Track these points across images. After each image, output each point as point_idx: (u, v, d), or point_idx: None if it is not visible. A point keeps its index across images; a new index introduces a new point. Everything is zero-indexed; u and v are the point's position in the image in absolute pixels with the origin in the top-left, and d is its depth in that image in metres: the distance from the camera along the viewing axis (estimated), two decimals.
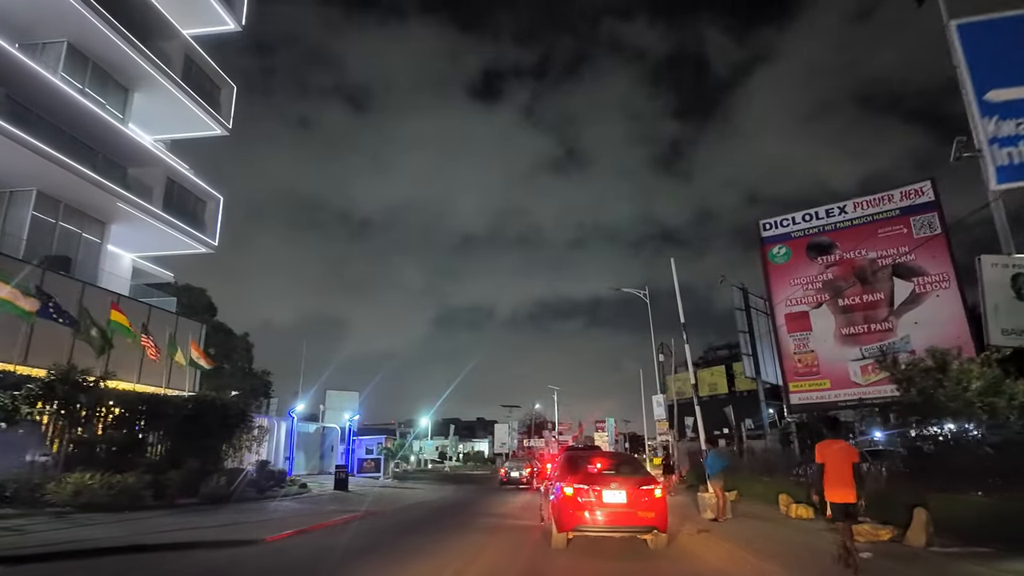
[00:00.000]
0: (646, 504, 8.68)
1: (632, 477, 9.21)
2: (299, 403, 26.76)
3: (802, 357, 22.06)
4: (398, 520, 13.61)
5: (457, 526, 12.22)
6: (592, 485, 8.80)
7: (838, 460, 7.26)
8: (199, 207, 26.27)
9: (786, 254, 22.96)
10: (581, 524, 8.66)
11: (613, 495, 8.70)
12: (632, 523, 8.63)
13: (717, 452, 12.22)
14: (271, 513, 13.51)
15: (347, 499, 18.05)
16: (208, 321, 32.83)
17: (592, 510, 8.62)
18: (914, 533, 8.16)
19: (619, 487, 8.81)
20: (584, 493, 8.70)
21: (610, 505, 8.64)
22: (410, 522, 13.29)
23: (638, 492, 8.75)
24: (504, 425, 52.36)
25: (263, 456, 22.19)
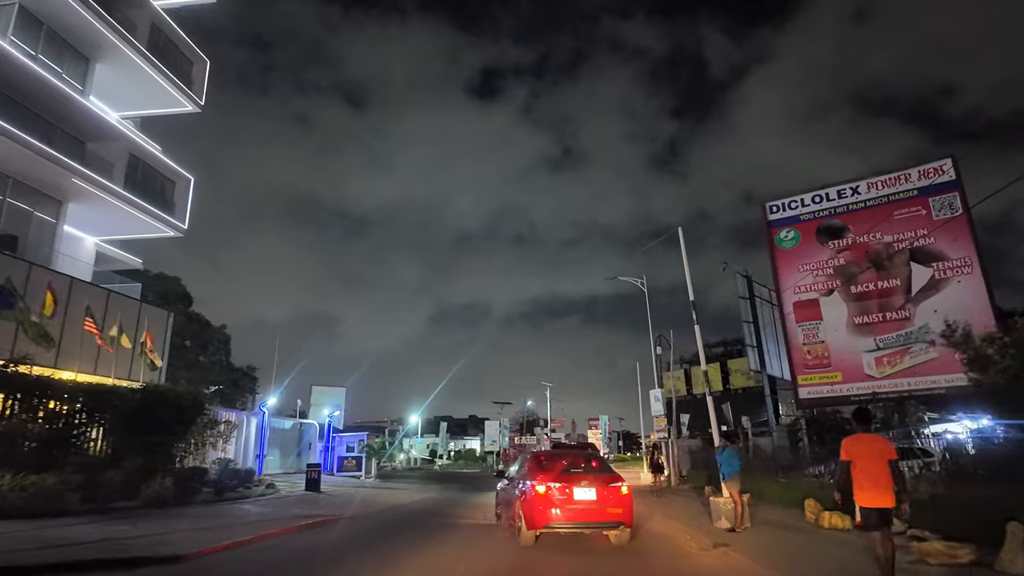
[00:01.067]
0: (614, 500, 8.82)
1: (600, 475, 9.32)
2: (271, 397, 24.81)
3: (812, 348, 20.28)
4: (364, 526, 11.72)
5: (428, 536, 10.34)
6: (563, 483, 8.85)
7: (870, 457, 6.14)
8: (167, 187, 24.27)
9: (794, 238, 21.17)
10: (552, 522, 8.65)
11: (583, 492, 8.79)
12: (601, 519, 8.76)
13: (734, 450, 10.38)
14: (219, 519, 11.58)
15: (315, 501, 16.14)
16: (183, 311, 30.84)
17: (563, 507, 8.66)
18: (1010, 555, 6.34)
19: (589, 485, 8.90)
20: (556, 491, 8.73)
21: (580, 502, 8.71)
22: (376, 529, 11.42)
23: (607, 489, 8.89)
24: (494, 422, 50.52)
25: (230, 454, 20.25)
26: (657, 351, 25.35)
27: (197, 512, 12.42)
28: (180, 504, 13.39)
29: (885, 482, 6.03)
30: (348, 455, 27.41)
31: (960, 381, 18.13)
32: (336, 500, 16.65)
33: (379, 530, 11.34)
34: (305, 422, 28.34)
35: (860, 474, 6.16)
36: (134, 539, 8.93)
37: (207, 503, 14.26)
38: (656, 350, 25.30)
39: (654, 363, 25.11)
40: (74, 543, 8.21)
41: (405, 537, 10.23)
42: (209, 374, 31.08)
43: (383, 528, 11.65)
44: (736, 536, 9.21)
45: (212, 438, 18.79)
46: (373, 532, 11.03)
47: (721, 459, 10.07)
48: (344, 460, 27.19)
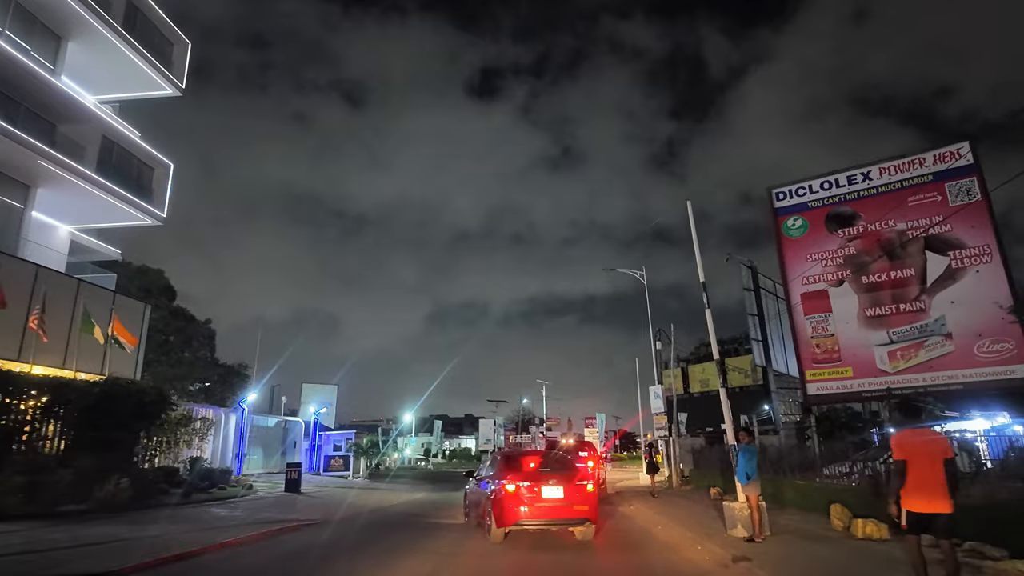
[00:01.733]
0: (581, 498, 9.06)
1: (567, 473, 9.48)
2: (251, 392, 23.47)
3: (821, 342, 19.08)
4: (336, 533, 10.47)
5: (407, 544, 9.08)
6: (532, 482, 9.01)
7: (923, 457, 5.36)
8: (144, 173, 22.97)
9: (802, 226, 19.97)
10: (521, 519, 8.82)
11: (551, 491, 8.97)
12: (568, 516, 8.97)
13: (754, 449, 9.12)
14: (176, 524, 10.31)
15: (291, 504, 14.88)
16: (166, 305, 29.52)
17: (531, 505, 8.84)
18: None
19: (557, 483, 9.06)
20: (525, 490, 8.90)
21: (548, 500, 8.90)
22: (349, 535, 10.18)
23: (574, 487, 9.11)
24: (489, 421, 49.21)
25: (207, 453, 18.97)
26: (657, 346, 24.15)
27: (154, 517, 11.15)
28: (139, 507, 12.12)
29: (939, 484, 5.24)
30: (335, 454, 26.11)
31: (979, 377, 17.00)
32: (314, 502, 15.39)
33: (352, 536, 10.10)
34: (290, 419, 27.04)
35: (909, 475, 5.38)
36: (63, 549, 7.69)
37: (171, 506, 12.98)
38: (656, 345, 24.10)
39: (654, 358, 23.90)
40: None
41: (380, 546, 8.98)
42: (193, 370, 29.75)
43: (357, 534, 10.41)
44: (757, 547, 7.97)
45: (187, 436, 17.57)
46: (344, 539, 9.78)
47: (743, 456, 8.83)
48: (331, 459, 25.90)
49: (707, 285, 11.27)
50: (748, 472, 8.67)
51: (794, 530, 9.38)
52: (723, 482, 16.54)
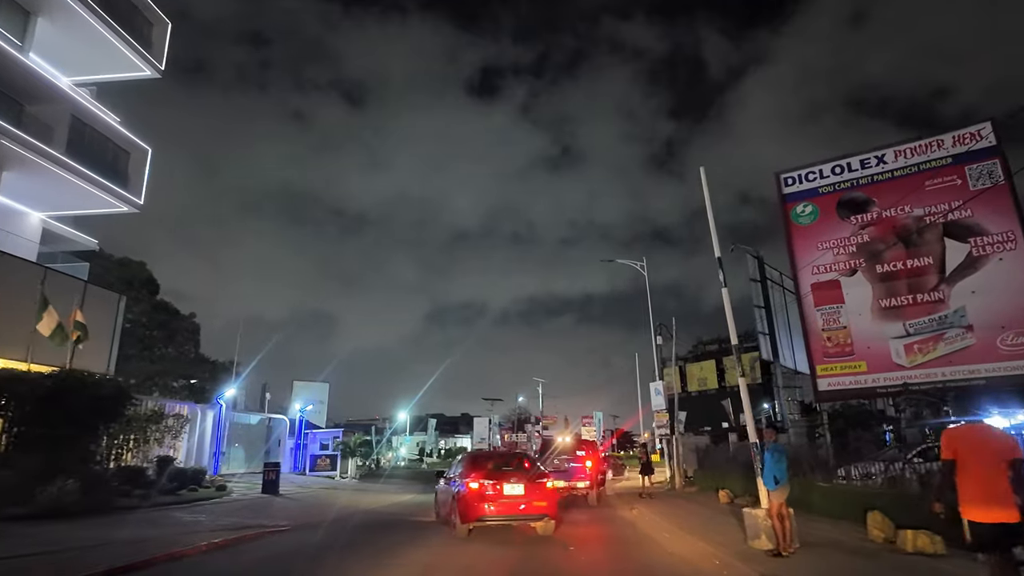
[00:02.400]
0: (540, 495, 9.46)
1: (527, 472, 9.88)
2: (230, 388, 22.15)
3: (832, 335, 17.88)
4: (303, 541, 9.22)
5: (382, 556, 7.83)
6: (494, 480, 9.39)
7: (984, 456, 4.53)
8: (120, 158, 21.68)
9: (812, 213, 18.78)
10: (483, 515, 9.15)
11: (512, 488, 9.34)
12: (528, 512, 9.32)
13: (783, 448, 7.85)
14: (118, 530, 9.04)
15: (265, 507, 13.62)
16: (148, 298, 28.23)
17: (493, 502, 9.20)
18: None
19: (517, 481, 9.44)
20: (487, 487, 9.27)
21: (509, 497, 9.27)
22: (318, 544, 8.91)
23: (533, 485, 9.51)
24: (483, 419, 47.86)
25: (181, 451, 17.69)
26: (658, 341, 22.94)
27: (101, 523, 9.89)
28: (90, 512, 10.85)
29: (1002, 489, 4.40)
30: (322, 454, 24.82)
31: (1003, 371, 15.82)
32: (291, 505, 14.14)
33: (320, 544, 8.84)
34: (274, 417, 25.74)
35: (970, 479, 4.53)
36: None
37: (126, 510, 11.70)
38: (656, 340, 22.89)
39: (655, 354, 22.71)
40: None
41: (353, 556, 7.73)
42: (177, 366, 28.44)
43: (327, 540, 9.16)
44: (786, 563, 6.74)
45: (158, 433, 16.25)
46: (310, 550, 8.53)
47: (770, 456, 7.58)
48: (317, 459, 24.62)
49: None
50: (776, 475, 7.43)
51: (826, 541, 8.13)
52: (733, 484, 15.30)
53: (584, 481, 15.12)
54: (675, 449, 19.76)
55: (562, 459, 16.00)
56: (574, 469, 15.43)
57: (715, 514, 11.89)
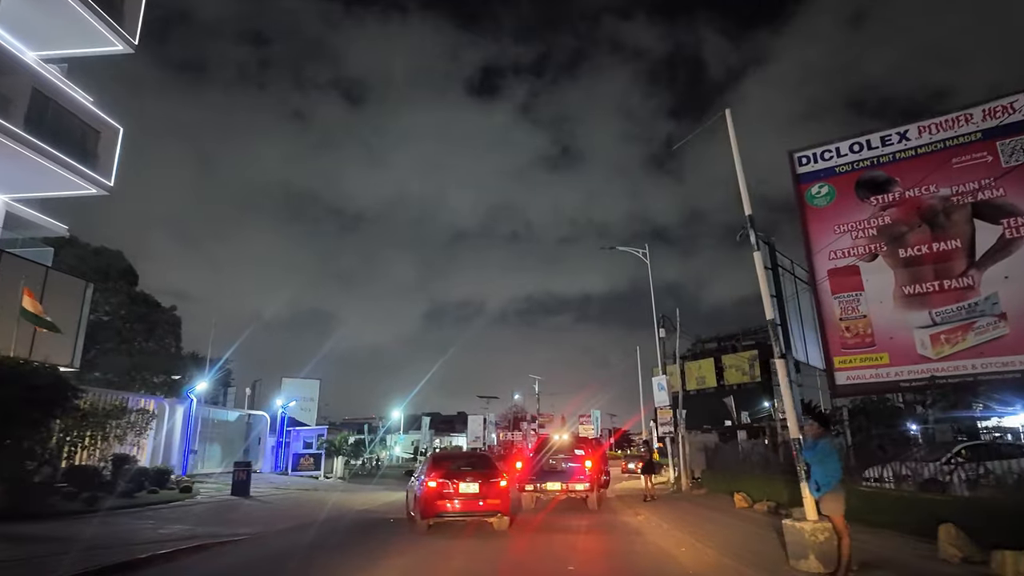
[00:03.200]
0: (493, 493, 9.92)
1: (483, 471, 10.31)
2: (201, 381, 20.52)
3: (851, 324, 16.40)
4: (257, 555, 7.68)
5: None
6: (451, 479, 9.90)
7: None
8: (89, 136, 20.11)
9: (829, 194, 17.31)
10: (441, 511, 9.71)
11: (467, 486, 9.85)
12: (482, 509, 9.86)
13: (833, 444, 6.34)
14: (34, 545, 7.51)
15: (229, 512, 12.09)
16: (125, 289, 26.64)
17: (450, 499, 9.75)
18: None
19: (472, 480, 9.93)
20: (444, 486, 9.80)
21: (464, 495, 9.79)
22: (274, 557, 7.37)
23: (487, 484, 9.96)
24: (478, 417, 46.28)
25: (147, 449, 16.15)
26: (660, 334, 21.45)
27: (18, 534, 8.33)
28: (17, 518, 9.29)
29: None
30: (305, 452, 23.24)
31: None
32: (257, 509, 12.61)
33: (275, 559, 7.32)
34: (254, 413, 24.12)
35: None
36: None
37: (66, 516, 10.18)
38: (659, 333, 21.39)
39: (657, 347, 21.22)
40: None
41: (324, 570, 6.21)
42: (155, 361, 26.85)
43: (284, 554, 7.63)
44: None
45: (119, 430, 14.73)
46: (260, 566, 7.00)
47: (813, 456, 6.09)
48: (301, 458, 23.06)
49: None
50: (820, 480, 5.93)
51: (886, 560, 6.58)
52: (750, 487, 13.74)
53: (583, 483, 13.56)
54: (682, 448, 18.22)
55: (559, 458, 14.37)
56: (572, 470, 13.86)
57: (735, 522, 10.39)
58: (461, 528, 10.28)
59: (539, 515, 12.72)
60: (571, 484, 13.57)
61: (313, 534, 9.69)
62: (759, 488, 13.14)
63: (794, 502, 11.14)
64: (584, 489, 13.55)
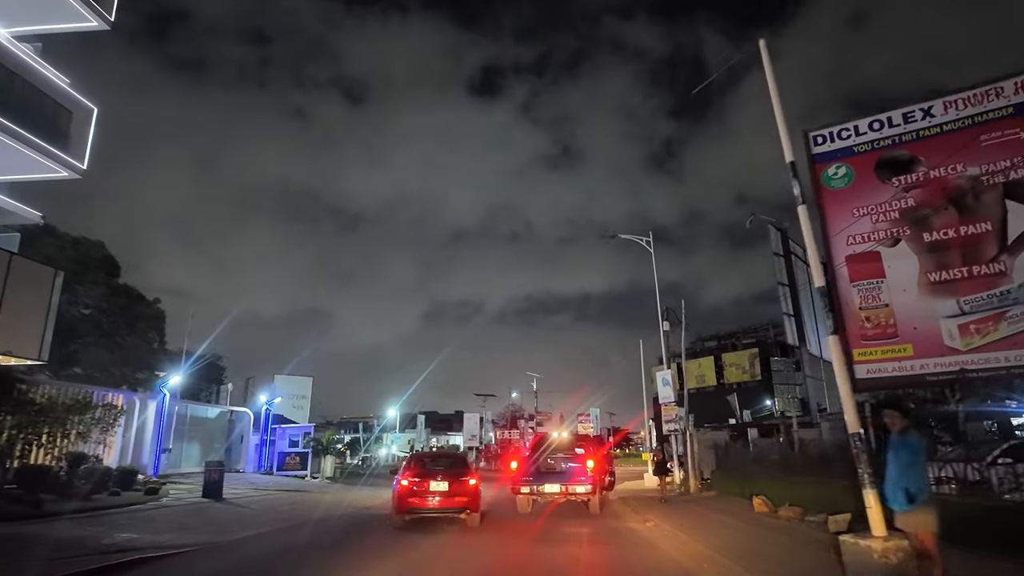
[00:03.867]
0: (461, 491, 10.50)
1: (453, 471, 10.93)
2: (174, 375, 19.13)
3: (872, 314, 15.10)
4: (197, 573, 6.38)
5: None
6: (422, 478, 10.58)
7: None
8: (60, 116, 18.85)
9: (847, 175, 16.02)
10: (413, 507, 10.42)
11: (437, 485, 10.49)
12: (450, 505, 10.46)
13: (923, 442, 5.05)
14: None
15: (192, 517, 10.79)
16: (104, 280, 25.31)
17: (420, 496, 10.41)
18: None
19: (442, 479, 10.56)
20: (415, 484, 10.49)
21: (434, 492, 10.42)
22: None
23: (456, 482, 10.56)
24: (474, 415, 44.93)
25: (115, 448, 14.83)
26: (664, 327, 20.17)
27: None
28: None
29: None
30: (291, 451, 21.90)
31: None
32: (226, 514, 11.31)
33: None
34: (237, 410, 22.75)
35: None
36: None
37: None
38: (663, 326, 20.11)
39: (662, 340, 19.92)
40: None
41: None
42: (136, 355, 25.49)
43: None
44: None
45: (82, 427, 13.43)
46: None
47: (901, 456, 4.76)
48: (286, 457, 21.72)
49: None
50: (911, 487, 4.60)
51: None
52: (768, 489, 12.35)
53: (584, 485, 12.25)
54: (690, 447, 16.87)
55: (557, 458, 13.05)
56: (572, 470, 12.56)
57: (762, 531, 9.09)
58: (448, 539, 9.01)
59: (537, 521, 11.46)
60: (571, 486, 12.28)
61: (276, 543, 8.42)
62: (780, 491, 11.86)
63: (823, 508, 9.85)
64: (586, 492, 12.26)
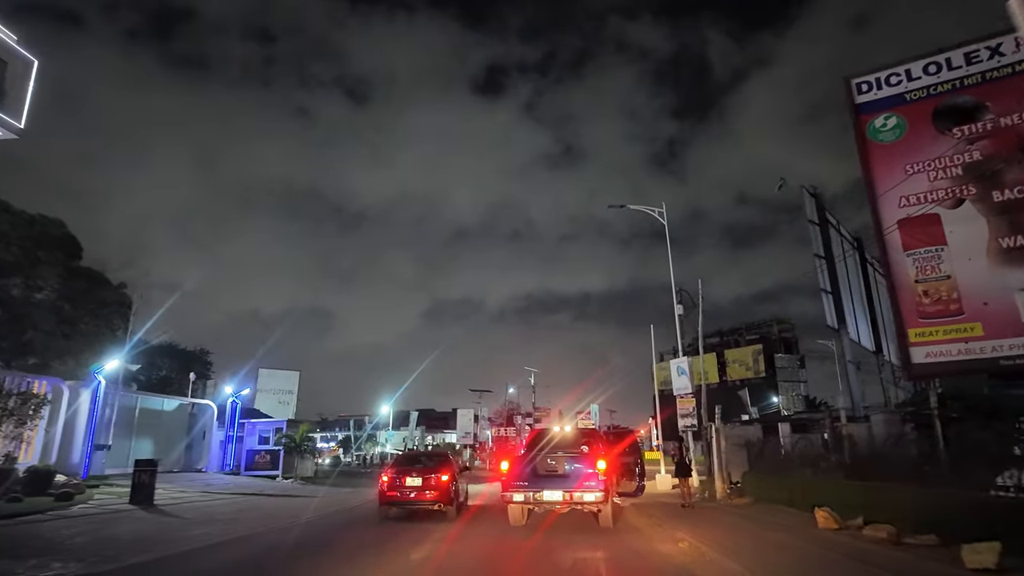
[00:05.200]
0: (434, 486, 11.34)
1: (428, 468, 11.89)
2: (114, 359, 16.47)
3: (931, 287, 12.60)
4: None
5: None
6: (399, 474, 11.65)
7: None
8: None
9: (897, 127, 13.53)
10: (392, 499, 11.40)
11: (412, 480, 11.46)
12: (423, 499, 11.35)
13: None
14: None
15: (93, 531, 8.26)
16: (62, 261, 22.76)
17: (398, 490, 11.36)
18: None
19: (416, 475, 11.54)
20: (393, 479, 11.53)
21: (410, 487, 11.37)
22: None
23: (429, 478, 11.44)
24: (468, 411, 42.34)
25: (36, 443, 12.24)
26: (679, 311, 17.63)
27: None
28: None
29: None
30: (261, 448, 19.28)
31: None
32: (140, 527, 8.79)
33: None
34: (198, 402, 20.07)
35: None
36: None
37: None
38: (678, 308, 17.58)
39: (677, 325, 17.35)
40: None
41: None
42: (95, 344, 22.88)
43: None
44: None
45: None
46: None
47: None
48: (256, 455, 19.12)
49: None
50: None
51: None
52: (830, 497, 9.57)
53: (595, 491, 9.57)
54: (716, 444, 14.12)
55: (559, 457, 10.30)
56: (578, 473, 9.85)
57: (852, 563, 6.47)
58: None
59: (532, 538, 8.87)
60: (577, 493, 9.62)
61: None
62: (844, 499, 9.20)
63: (926, 526, 7.30)
64: (596, 500, 9.58)
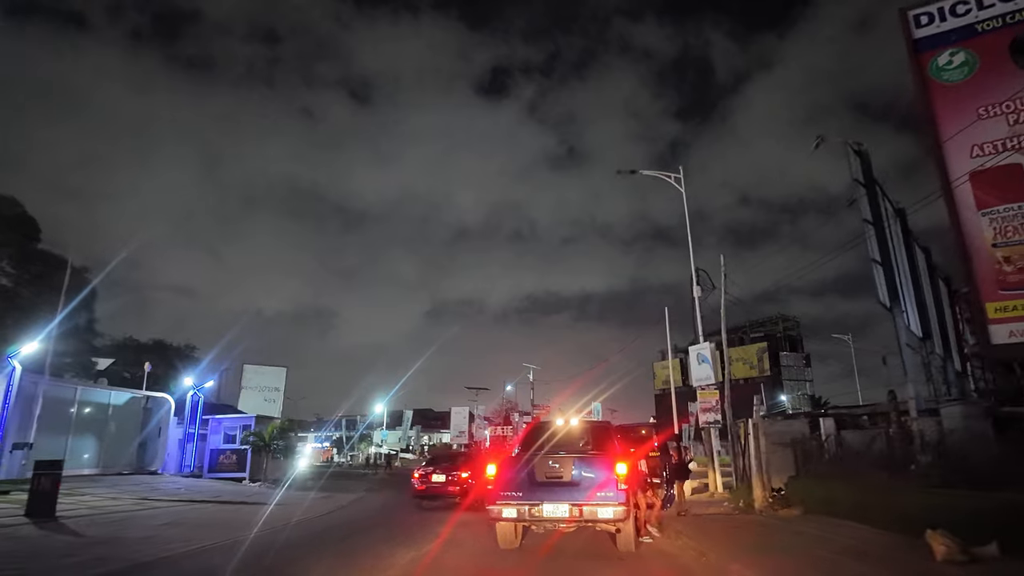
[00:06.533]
0: (456, 483, 13.85)
1: (452, 466, 14.49)
2: (28, 343, 14.07)
3: (1013, 252, 10.25)
4: None
5: None
6: (427, 471, 14.42)
7: None
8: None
9: (966, 64, 11.16)
10: (420, 492, 14.08)
11: (437, 476, 14.11)
12: (445, 492, 13.87)
13: None
14: None
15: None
16: (17, 242, 20.36)
17: (426, 483, 14.10)
18: None
19: (441, 472, 14.19)
20: (423, 474, 14.36)
21: (435, 482, 14.04)
22: None
23: (452, 475, 13.99)
24: (462, 409, 39.89)
25: None
26: (697, 292, 15.23)
27: None
28: None
29: None
30: (227, 448, 16.84)
31: None
32: (8, 552, 6.28)
33: None
34: (153, 395, 17.57)
35: None
36: None
37: None
38: (696, 291, 15.18)
39: (696, 308, 14.94)
40: None
41: None
42: (62, 336, 20.44)
43: None
44: None
45: None
46: None
47: None
48: (221, 455, 16.69)
49: None
50: None
51: None
52: (935, 514, 6.59)
53: (610, 505, 7.02)
54: (755, 443, 11.46)
55: (563, 458, 7.68)
56: (589, 479, 7.27)
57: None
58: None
59: (526, 565, 6.43)
60: (589, 506, 7.06)
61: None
62: (959, 518, 6.61)
63: None
64: (615, 517, 7.00)
